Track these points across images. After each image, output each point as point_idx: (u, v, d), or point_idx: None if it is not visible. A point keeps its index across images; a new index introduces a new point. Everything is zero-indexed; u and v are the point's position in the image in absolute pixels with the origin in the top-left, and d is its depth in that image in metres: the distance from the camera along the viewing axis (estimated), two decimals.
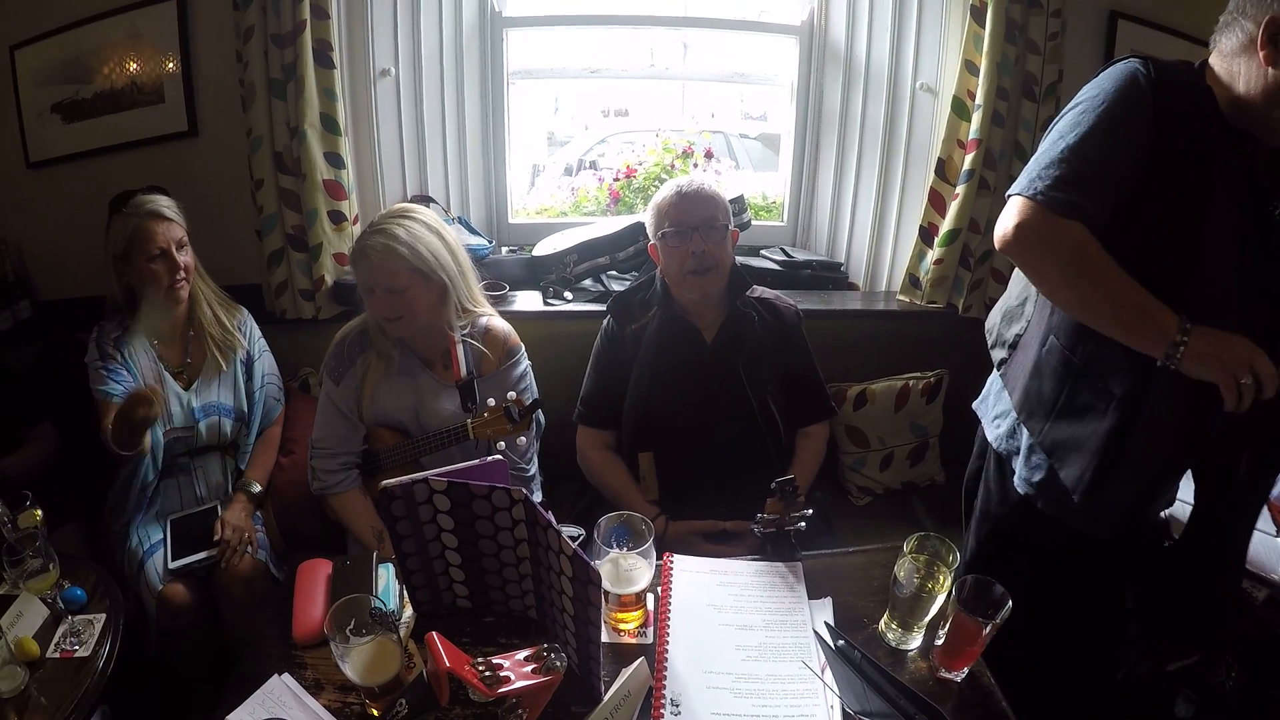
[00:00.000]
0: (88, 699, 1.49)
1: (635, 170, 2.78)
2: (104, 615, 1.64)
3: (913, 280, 2.43)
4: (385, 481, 1.21)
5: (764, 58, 2.80)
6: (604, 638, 1.30)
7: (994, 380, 1.61)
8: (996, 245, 1.30)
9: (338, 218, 2.26)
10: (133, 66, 2.40)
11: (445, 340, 1.84)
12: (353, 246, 1.77)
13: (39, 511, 1.73)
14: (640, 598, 1.32)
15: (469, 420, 1.72)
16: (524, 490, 1.18)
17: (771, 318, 1.92)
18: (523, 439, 1.74)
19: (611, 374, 1.92)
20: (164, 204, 1.94)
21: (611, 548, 1.31)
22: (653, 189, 2.70)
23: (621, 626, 1.32)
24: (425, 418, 1.85)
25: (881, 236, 2.58)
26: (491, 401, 1.68)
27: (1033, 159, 1.28)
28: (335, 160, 2.21)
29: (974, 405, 1.67)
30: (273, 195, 2.24)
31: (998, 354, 1.56)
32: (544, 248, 2.45)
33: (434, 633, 1.11)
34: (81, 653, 1.56)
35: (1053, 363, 1.38)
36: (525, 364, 1.93)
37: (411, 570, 1.31)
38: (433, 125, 2.46)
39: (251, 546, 1.90)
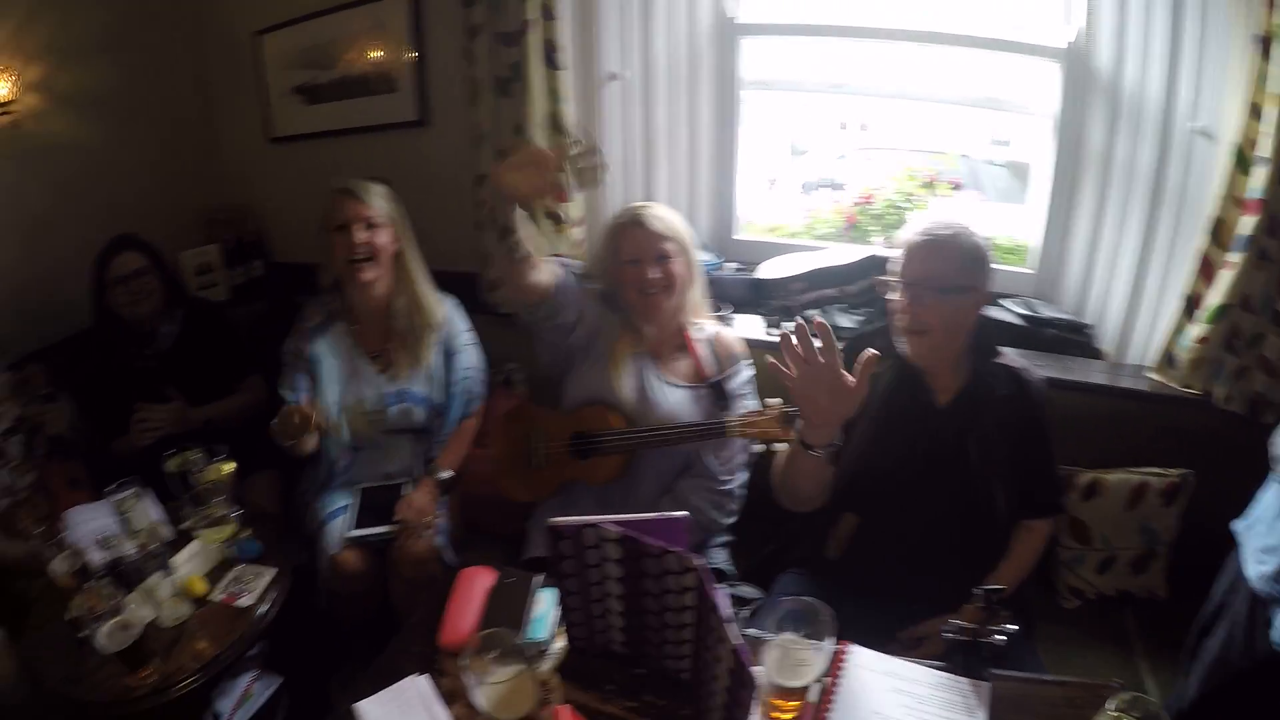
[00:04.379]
0: (240, 645, 1.67)
1: (873, 196, 2.64)
2: (274, 571, 1.79)
3: (1169, 358, 2.14)
4: (554, 520, 1.21)
5: (1020, 81, 2.56)
6: None
7: (1269, 503, 1.37)
8: None
9: (558, 219, 2.31)
10: (369, 56, 2.62)
11: (678, 335, 1.93)
12: (616, 222, 1.91)
13: (232, 465, 1.90)
14: (805, 687, 1.24)
15: (728, 418, 1.77)
16: (700, 560, 1.14)
17: (1016, 391, 1.72)
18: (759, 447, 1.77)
19: None
20: (363, 185, 2.08)
21: (785, 631, 1.24)
22: (890, 217, 2.57)
23: (775, 715, 1.25)
24: (645, 408, 1.89)
25: (1138, 301, 2.28)
26: (776, 400, 1.73)
27: None
28: None
29: (1235, 526, 1.44)
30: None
31: None
32: (770, 270, 2.39)
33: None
34: (244, 602, 1.72)
35: None
36: (750, 372, 1.97)
37: (571, 606, 1.32)
38: (661, 133, 2.46)
39: (430, 530, 2.01)
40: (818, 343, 1.42)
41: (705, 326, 1.98)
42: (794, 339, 1.43)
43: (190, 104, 3.04)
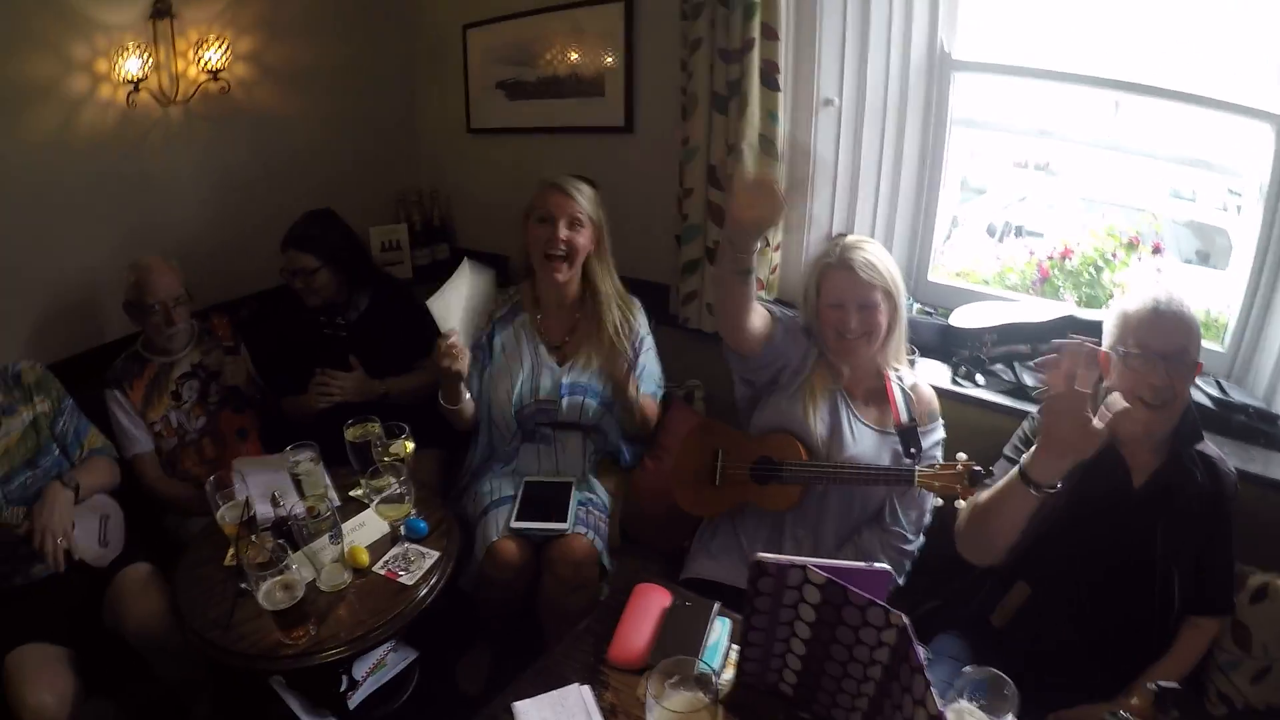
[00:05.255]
0: (395, 623, 1.71)
1: (1071, 251, 2.58)
2: (438, 554, 1.84)
3: None
4: (762, 555, 1.26)
5: (1227, 142, 2.43)
6: None
7: None
8: None
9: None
10: (576, 59, 2.70)
11: (875, 378, 1.94)
12: (823, 258, 1.91)
13: (411, 444, 1.99)
14: None
15: (915, 466, 1.78)
16: (905, 618, 1.17)
17: (1210, 482, 1.68)
18: (937, 503, 1.78)
19: None
20: (574, 182, 2.16)
21: (962, 700, 1.25)
22: (1085, 275, 2.51)
23: None
24: (833, 445, 1.91)
25: None
26: (963, 456, 1.73)
27: None
28: None
29: None
30: (700, 207, 2.37)
31: None
32: (963, 318, 2.34)
33: None
34: (405, 579, 1.77)
35: None
36: (942, 434, 1.95)
37: (752, 642, 1.35)
38: (868, 164, 2.43)
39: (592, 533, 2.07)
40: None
41: (904, 374, 1.96)
42: (1069, 355, 1.43)
43: (395, 88, 3.25)
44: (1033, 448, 1.54)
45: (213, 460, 2.36)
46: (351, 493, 2.03)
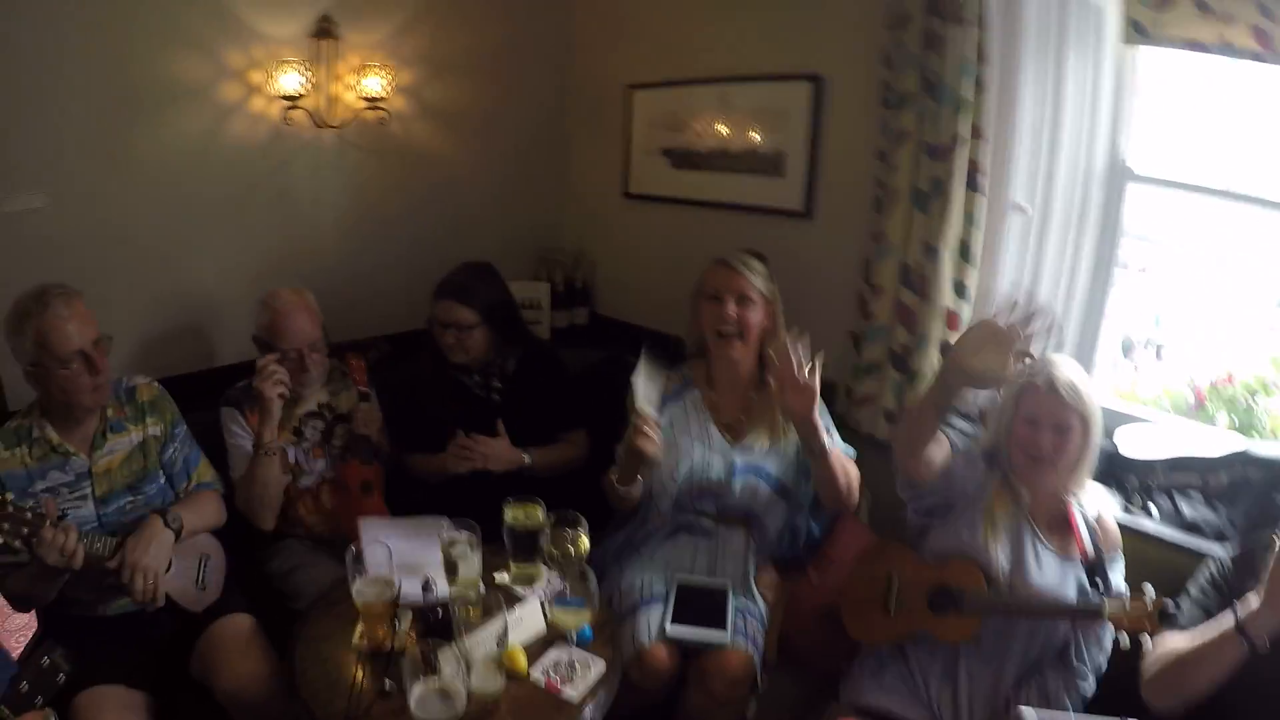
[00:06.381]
0: None
1: (1232, 377, 2.51)
2: (604, 664, 1.66)
3: None
4: (1028, 709, 1.20)
5: None
6: None
7: None
8: None
9: (946, 349, 2.26)
10: (753, 134, 2.65)
11: (1057, 504, 1.86)
12: (1026, 379, 1.84)
13: (587, 541, 1.85)
14: None
15: (1105, 601, 1.69)
16: None
17: None
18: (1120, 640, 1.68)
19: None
20: (743, 259, 2.13)
21: None
22: (1240, 398, 2.47)
23: None
24: (1016, 575, 1.82)
25: None
26: (1151, 591, 1.64)
27: None
28: (960, 290, 2.23)
29: None
30: (889, 307, 2.31)
31: None
32: (1130, 444, 2.25)
33: None
34: (568, 693, 1.57)
35: None
36: (1123, 567, 1.87)
37: None
38: (1045, 273, 2.37)
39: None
40: None
41: (1087, 503, 1.89)
42: None
43: (550, 141, 3.24)
44: (1251, 600, 1.49)
45: (330, 512, 2.26)
46: (495, 575, 1.90)
